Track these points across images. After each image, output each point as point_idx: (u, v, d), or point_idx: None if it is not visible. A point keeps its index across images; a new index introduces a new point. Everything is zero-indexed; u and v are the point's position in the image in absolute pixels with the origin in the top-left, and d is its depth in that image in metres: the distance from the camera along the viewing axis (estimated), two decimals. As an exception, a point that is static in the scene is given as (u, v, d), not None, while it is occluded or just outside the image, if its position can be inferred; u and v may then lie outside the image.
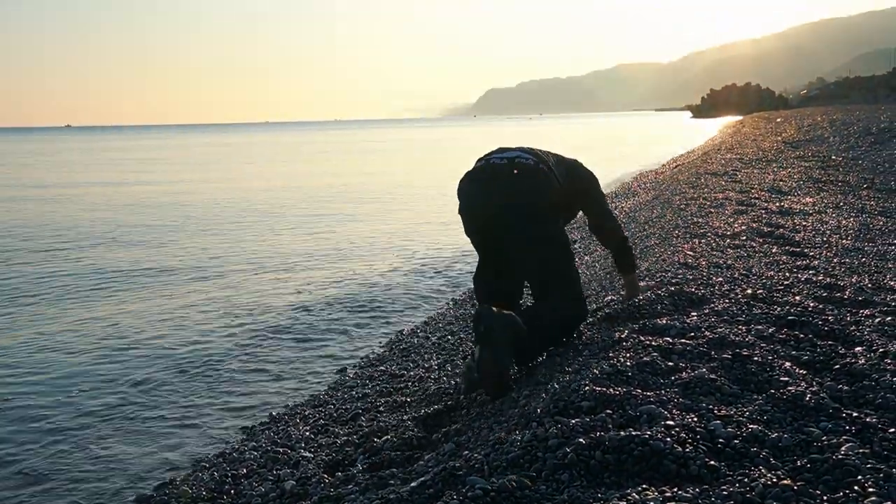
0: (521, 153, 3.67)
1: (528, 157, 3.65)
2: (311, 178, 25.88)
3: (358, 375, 4.99)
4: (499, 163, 3.62)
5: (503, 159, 3.63)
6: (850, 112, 35.99)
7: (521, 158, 3.62)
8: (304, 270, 9.25)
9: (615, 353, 3.06)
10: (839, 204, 8.39)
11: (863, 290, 4.25)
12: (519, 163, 3.60)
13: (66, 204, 18.07)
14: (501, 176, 3.57)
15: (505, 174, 3.57)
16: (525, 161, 3.61)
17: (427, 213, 14.85)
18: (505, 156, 3.66)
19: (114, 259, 10.31)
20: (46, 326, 6.86)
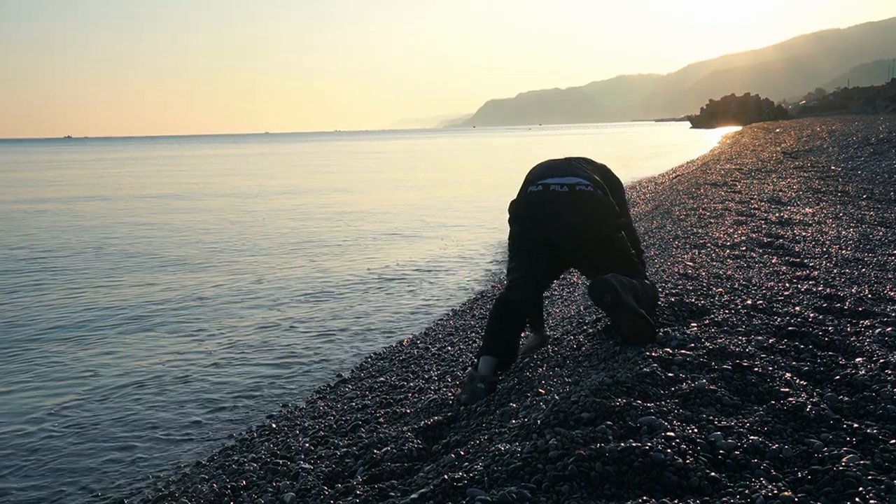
0: (578, 179, 3.68)
1: (585, 182, 3.67)
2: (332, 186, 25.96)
3: (357, 387, 4.98)
4: (559, 190, 3.63)
5: (563, 186, 3.64)
6: (848, 122, 36.07)
7: (581, 185, 3.65)
8: (302, 281, 9.24)
9: (615, 364, 3.05)
10: (839, 214, 8.40)
11: (863, 301, 4.25)
12: (580, 191, 3.63)
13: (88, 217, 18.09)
14: (564, 204, 3.61)
15: (568, 202, 3.61)
16: (585, 188, 3.64)
17: (427, 222, 14.85)
18: (564, 182, 3.67)
19: (117, 263, 10.32)
20: (45, 330, 6.86)
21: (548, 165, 3.90)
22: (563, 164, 3.85)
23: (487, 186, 23.63)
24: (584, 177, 3.72)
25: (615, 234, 3.75)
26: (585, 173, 3.77)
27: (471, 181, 27.06)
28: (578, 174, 3.74)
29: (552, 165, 3.88)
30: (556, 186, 3.66)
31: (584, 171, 3.79)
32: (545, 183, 3.70)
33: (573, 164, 3.88)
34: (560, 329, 4.74)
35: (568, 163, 3.89)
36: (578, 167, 3.83)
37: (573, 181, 3.67)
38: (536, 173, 3.86)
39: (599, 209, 3.65)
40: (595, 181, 3.74)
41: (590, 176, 3.76)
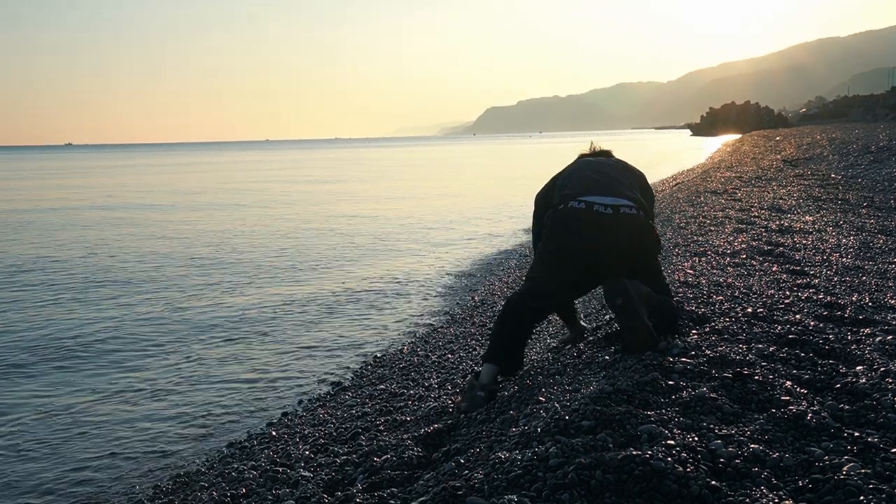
0: (623, 201, 3.60)
1: (630, 204, 3.59)
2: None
3: (358, 394, 4.97)
4: (603, 212, 3.55)
5: (607, 207, 3.56)
6: (849, 130, 36.12)
7: (625, 208, 3.57)
8: (304, 286, 9.24)
9: (615, 372, 3.05)
10: (839, 222, 8.40)
11: (863, 309, 4.25)
12: (624, 213, 3.55)
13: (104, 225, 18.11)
14: (608, 227, 3.53)
15: (612, 225, 3.53)
16: (629, 211, 3.57)
17: (426, 229, 14.86)
18: (608, 202, 3.57)
19: (111, 266, 10.33)
20: (47, 337, 6.86)
21: (590, 177, 3.77)
22: (606, 181, 3.73)
23: (495, 196, 23.64)
24: (628, 197, 3.63)
25: (654, 259, 3.72)
26: (629, 192, 3.68)
27: (481, 191, 27.10)
28: (623, 193, 3.64)
29: (595, 178, 3.75)
30: (601, 207, 3.56)
31: (627, 190, 3.70)
32: (588, 201, 3.59)
33: (616, 178, 3.77)
34: (560, 337, 4.74)
35: (610, 178, 3.76)
36: (621, 183, 3.73)
37: (618, 202, 3.57)
38: (578, 184, 3.75)
39: (642, 234, 3.60)
40: (638, 201, 3.66)
41: (633, 196, 3.67)
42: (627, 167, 4.02)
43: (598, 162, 4.00)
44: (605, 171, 3.85)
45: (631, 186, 3.77)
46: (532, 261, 3.98)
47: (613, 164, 4.00)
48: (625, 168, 3.99)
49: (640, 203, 3.67)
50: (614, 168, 3.92)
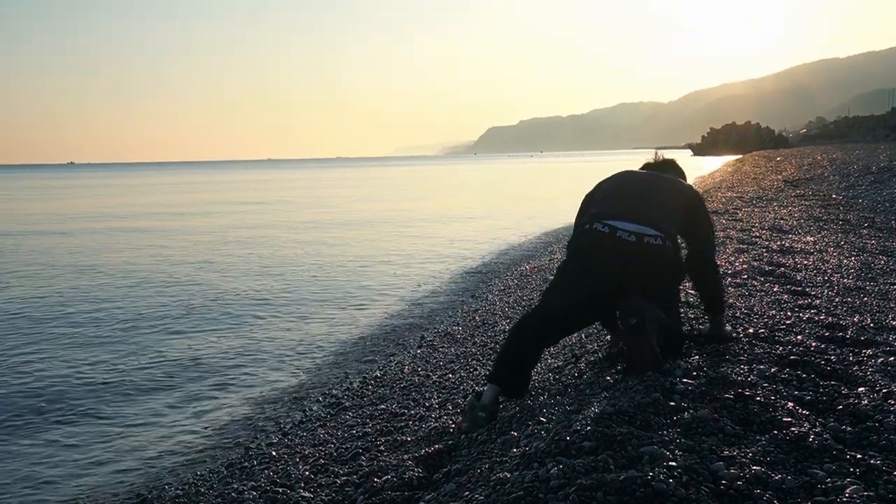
0: (648, 229, 3.50)
1: (655, 234, 3.50)
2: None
3: (358, 414, 4.96)
4: (626, 238, 3.48)
5: (630, 234, 3.48)
6: (849, 151, 36.21)
7: (649, 237, 3.49)
8: (302, 306, 9.24)
9: (617, 392, 3.04)
10: (840, 243, 8.40)
11: (865, 330, 4.24)
12: (647, 244, 3.47)
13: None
14: (629, 255, 3.47)
15: (632, 254, 3.47)
16: (653, 241, 3.48)
17: (426, 248, 14.87)
18: (632, 229, 3.50)
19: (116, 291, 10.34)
20: (49, 348, 6.86)
21: (623, 198, 3.70)
22: (639, 204, 3.62)
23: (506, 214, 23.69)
24: (657, 226, 3.53)
25: (671, 292, 3.66)
26: (661, 219, 3.57)
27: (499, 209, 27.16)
28: (652, 220, 3.54)
29: (628, 200, 3.67)
30: (624, 234, 3.48)
31: (660, 216, 3.58)
32: (613, 226, 3.53)
33: (653, 201, 3.66)
34: (561, 357, 4.73)
35: (645, 201, 3.65)
36: (656, 208, 3.62)
37: (643, 231, 3.48)
38: (608, 204, 3.69)
39: (663, 266, 3.53)
40: (667, 230, 3.55)
41: (663, 225, 3.55)
42: (676, 188, 3.85)
43: (641, 180, 3.88)
44: (643, 191, 3.74)
45: (668, 212, 3.65)
46: (549, 281, 3.94)
47: (659, 184, 3.84)
48: (671, 189, 3.81)
49: (669, 233, 3.56)
50: (657, 189, 3.78)
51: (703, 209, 3.91)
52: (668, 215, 3.64)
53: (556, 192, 36.18)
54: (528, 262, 11.98)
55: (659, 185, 3.83)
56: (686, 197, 3.84)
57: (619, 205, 3.66)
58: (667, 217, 3.63)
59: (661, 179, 3.89)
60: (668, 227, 3.59)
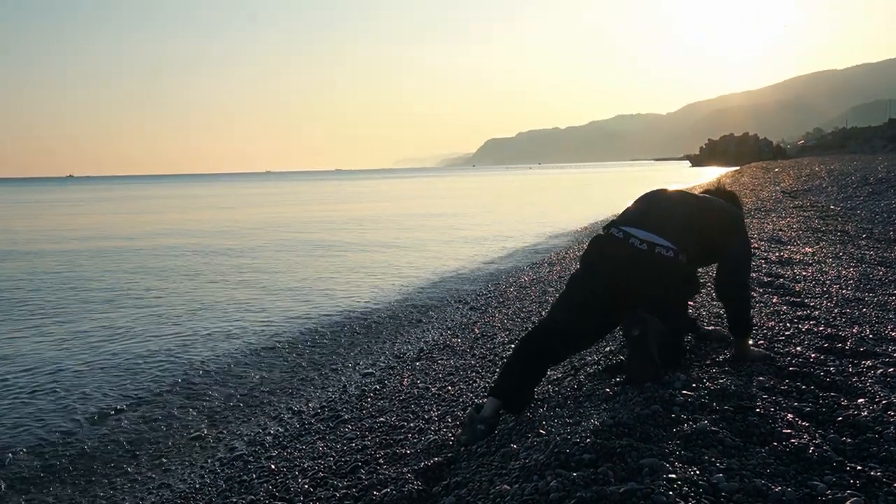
0: (661, 240, 3.52)
1: (667, 245, 3.51)
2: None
3: (357, 427, 4.94)
4: (638, 246, 3.50)
5: (643, 243, 3.50)
6: (847, 162, 36.28)
7: (661, 248, 3.50)
8: (299, 317, 9.24)
9: (616, 404, 3.04)
10: (839, 254, 8.41)
11: (864, 341, 4.24)
12: (658, 254, 3.48)
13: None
14: (638, 263, 3.48)
15: (641, 263, 3.48)
16: (664, 253, 3.49)
17: (424, 260, 14.87)
18: (645, 238, 3.52)
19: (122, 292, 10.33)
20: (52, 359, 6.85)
21: (644, 209, 3.73)
22: (658, 215, 3.66)
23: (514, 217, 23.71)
24: (672, 238, 3.53)
25: (678, 305, 3.65)
26: (678, 232, 3.57)
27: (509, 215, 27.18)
28: (667, 232, 3.55)
29: (648, 211, 3.70)
30: (636, 241, 3.51)
31: (678, 229, 3.58)
32: (627, 231, 3.56)
33: (673, 214, 3.67)
34: (561, 369, 4.73)
35: (666, 213, 3.68)
36: (676, 220, 3.63)
37: (656, 241, 3.50)
38: (629, 213, 3.74)
39: (671, 279, 3.52)
40: (682, 244, 3.54)
41: (679, 237, 3.55)
42: (709, 207, 3.82)
43: (671, 195, 3.90)
44: (666, 204, 3.77)
45: (691, 228, 3.64)
46: (561, 292, 3.90)
47: (690, 201, 3.84)
48: (703, 207, 3.81)
49: (685, 247, 3.55)
50: (681, 203, 3.79)
51: (737, 231, 3.84)
52: (689, 231, 3.63)
53: (558, 202, 36.23)
54: (526, 274, 11.98)
55: (687, 202, 3.83)
56: (713, 215, 3.79)
57: (638, 214, 3.72)
58: (687, 232, 3.62)
59: (693, 197, 3.89)
60: (686, 241, 3.58)
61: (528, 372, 3.67)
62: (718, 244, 3.76)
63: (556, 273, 11.14)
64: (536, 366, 3.69)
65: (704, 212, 3.79)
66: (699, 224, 3.70)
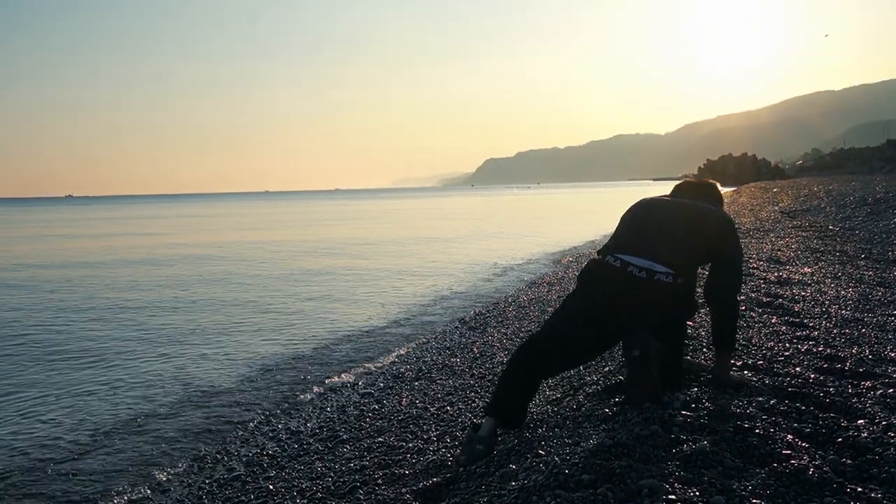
0: (660, 267, 3.49)
1: (666, 271, 3.48)
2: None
3: (356, 447, 4.92)
4: (636, 274, 3.47)
5: (641, 270, 3.48)
6: (845, 182, 36.41)
7: (660, 275, 3.47)
8: (297, 337, 9.22)
9: (615, 425, 3.03)
10: (837, 274, 8.42)
11: (863, 362, 4.24)
12: (658, 281, 3.45)
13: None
14: (637, 291, 3.47)
15: (641, 290, 3.46)
16: (664, 279, 3.46)
17: (422, 279, 14.87)
18: (644, 265, 3.49)
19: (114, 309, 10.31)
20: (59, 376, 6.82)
21: (638, 231, 3.69)
22: (654, 236, 3.62)
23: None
24: (669, 262, 3.50)
25: (680, 330, 3.65)
26: (675, 254, 3.54)
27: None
28: (664, 256, 3.52)
29: (642, 232, 3.66)
30: (634, 269, 3.48)
31: (674, 250, 3.56)
32: (624, 260, 3.53)
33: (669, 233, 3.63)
34: (560, 389, 4.72)
35: (660, 233, 3.64)
36: (671, 240, 3.60)
37: (654, 268, 3.48)
38: (623, 235, 3.70)
39: (671, 304, 3.51)
40: (679, 267, 3.52)
41: (675, 260, 3.53)
42: (698, 216, 3.74)
43: (663, 210, 3.83)
44: (662, 223, 3.71)
45: (684, 245, 3.61)
46: (556, 308, 3.89)
47: (681, 214, 3.77)
48: (693, 218, 3.74)
49: (682, 268, 3.53)
50: (676, 220, 3.73)
51: (727, 237, 3.76)
52: (683, 249, 3.59)
53: (556, 221, 36.28)
54: (525, 293, 11.97)
55: (680, 214, 3.76)
56: (709, 225, 3.72)
57: (633, 236, 3.67)
58: (681, 251, 3.58)
59: (684, 209, 3.81)
60: (682, 262, 3.55)
61: (522, 386, 3.66)
62: (716, 250, 3.70)
63: (555, 293, 11.14)
64: (530, 379, 3.68)
65: (699, 221, 3.72)
66: (698, 239, 3.66)
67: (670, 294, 3.49)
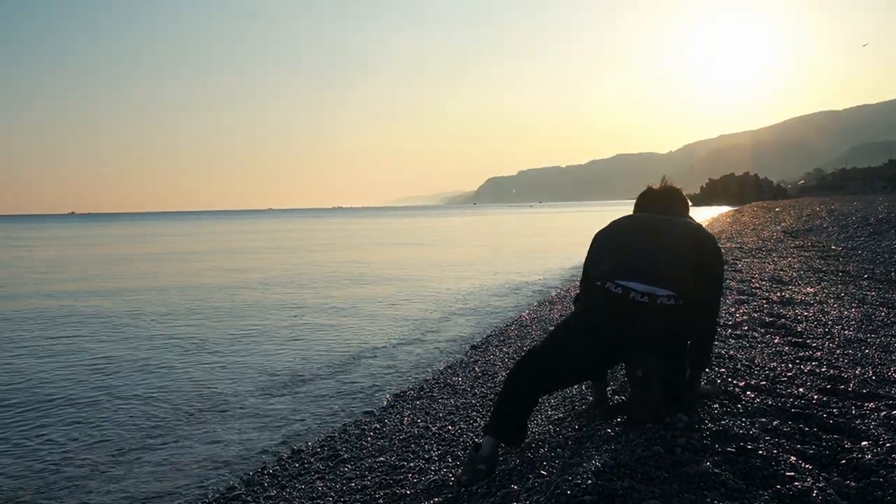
0: (661, 290, 3.48)
1: (667, 294, 3.48)
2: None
3: (357, 466, 4.90)
4: (639, 300, 3.46)
5: (643, 296, 3.47)
6: (847, 202, 36.44)
7: (662, 298, 3.47)
8: (298, 355, 9.20)
9: (618, 445, 3.02)
10: (840, 294, 8.40)
11: (867, 383, 4.22)
12: (661, 304, 3.45)
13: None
14: (641, 316, 3.46)
15: (644, 316, 3.46)
16: (667, 303, 3.47)
17: (422, 299, 14.86)
18: (646, 290, 3.48)
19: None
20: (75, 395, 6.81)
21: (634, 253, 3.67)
22: (650, 258, 3.60)
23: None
24: (669, 284, 3.51)
25: (681, 348, 3.65)
26: (674, 275, 3.55)
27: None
28: (664, 279, 3.52)
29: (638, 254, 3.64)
30: (637, 294, 3.47)
31: (673, 270, 3.57)
32: (625, 286, 3.50)
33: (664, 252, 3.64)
34: (562, 409, 4.70)
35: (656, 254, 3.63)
36: (667, 261, 3.60)
37: (655, 292, 3.47)
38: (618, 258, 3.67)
39: (674, 326, 3.52)
40: (679, 287, 3.52)
41: (675, 282, 3.53)
42: (689, 234, 3.78)
43: (652, 228, 3.83)
44: (654, 241, 3.72)
45: (679, 263, 3.62)
46: (557, 324, 3.88)
47: (671, 234, 3.77)
48: (683, 237, 3.76)
49: (681, 289, 3.53)
50: (668, 237, 3.74)
51: (719, 258, 3.82)
52: (681, 270, 3.60)
53: (557, 240, 36.30)
54: (527, 312, 11.96)
55: (669, 234, 3.77)
56: (703, 247, 3.76)
57: (629, 260, 3.64)
58: (679, 272, 3.59)
59: (672, 225, 3.82)
60: (681, 283, 3.56)
61: (521, 402, 3.63)
62: (707, 270, 3.71)
63: (556, 312, 11.13)
64: (529, 394, 3.65)
65: (687, 237, 3.74)
66: (693, 259, 3.67)
67: (673, 316, 3.49)
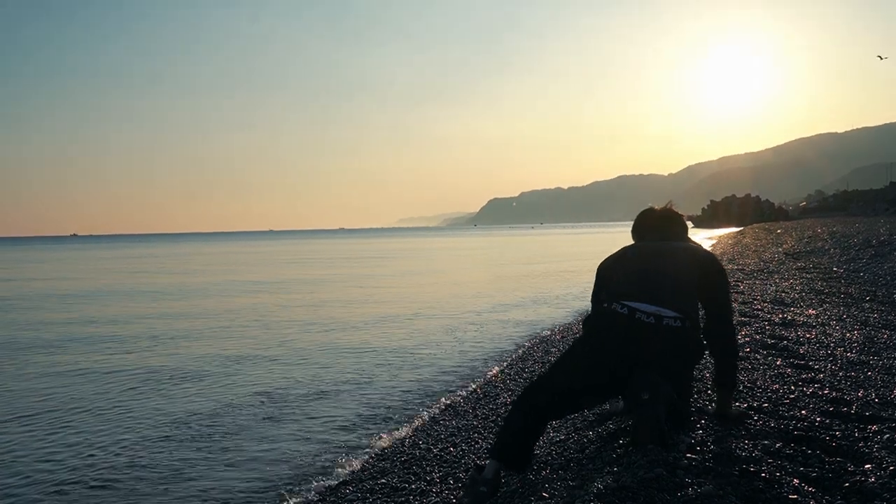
0: (668, 311, 3.50)
1: (674, 315, 3.49)
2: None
3: (358, 488, 4.88)
4: (645, 321, 3.47)
5: (650, 316, 3.48)
6: (849, 224, 36.46)
7: (668, 319, 3.47)
8: (303, 379, 9.18)
9: (620, 467, 3.01)
10: (842, 316, 8.39)
11: (870, 405, 4.21)
12: (667, 326, 3.46)
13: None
14: (647, 338, 3.46)
15: (651, 337, 3.46)
16: (673, 325, 3.48)
17: (431, 315, 14.85)
18: (652, 311, 3.50)
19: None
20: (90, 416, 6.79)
21: (641, 276, 3.69)
22: (657, 281, 3.62)
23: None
24: (675, 306, 3.52)
25: (687, 370, 3.65)
26: (680, 297, 3.57)
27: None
28: (671, 300, 3.54)
29: (645, 277, 3.66)
30: (643, 315, 3.48)
31: (679, 293, 3.58)
32: (632, 307, 3.52)
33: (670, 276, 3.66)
34: (563, 430, 4.69)
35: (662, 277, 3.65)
36: (674, 283, 3.62)
37: (662, 313, 3.49)
38: (625, 282, 3.69)
39: (681, 348, 3.52)
40: (686, 311, 3.53)
41: (682, 304, 3.55)
42: (691, 256, 3.80)
43: (656, 252, 3.87)
44: (659, 265, 3.74)
45: (686, 286, 3.64)
46: (564, 350, 3.87)
47: (674, 258, 3.80)
48: (687, 259, 3.80)
49: (688, 312, 3.55)
50: (672, 261, 3.77)
51: (719, 274, 3.83)
52: (686, 291, 3.63)
53: (557, 263, 36.30)
54: (529, 335, 11.95)
55: (674, 258, 3.80)
56: (701, 263, 3.79)
57: (637, 282, 3.66)
58: (685, 293, 3.62)
59: (675, 249, 3.87)
60: (687, 305, 3.58)
61: (528, 430, 3.62)
62: (715, 294, 3.74)
63: (558, 333, 11.12)
64: (537, 423, 3.64)
65: (693, 261, 3.77)
66: (691, 278, 3.70)
67: (680, 338, 3.49)
